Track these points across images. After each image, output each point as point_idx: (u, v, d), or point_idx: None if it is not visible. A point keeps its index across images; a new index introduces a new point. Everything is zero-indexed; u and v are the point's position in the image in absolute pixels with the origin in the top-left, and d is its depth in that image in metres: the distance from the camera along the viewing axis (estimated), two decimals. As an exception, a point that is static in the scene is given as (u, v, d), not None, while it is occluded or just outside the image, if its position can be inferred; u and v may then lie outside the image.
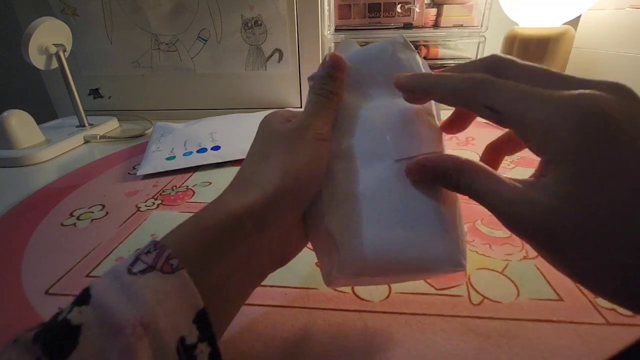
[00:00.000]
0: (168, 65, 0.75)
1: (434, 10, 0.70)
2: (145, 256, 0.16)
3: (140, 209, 0.41)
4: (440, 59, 0.74)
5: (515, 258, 0.31)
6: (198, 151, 0.53)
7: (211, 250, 0.17)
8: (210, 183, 0.47)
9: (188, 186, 0.46)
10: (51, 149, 0.59)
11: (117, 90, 0.79)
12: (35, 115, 0.60)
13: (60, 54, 0.63)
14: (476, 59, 0.21)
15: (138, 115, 0.78)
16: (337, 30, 0.70)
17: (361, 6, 0.69)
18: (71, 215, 0.40)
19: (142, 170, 0.50)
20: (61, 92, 0.72)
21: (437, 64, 0.73)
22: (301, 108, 0.77)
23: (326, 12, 0.69)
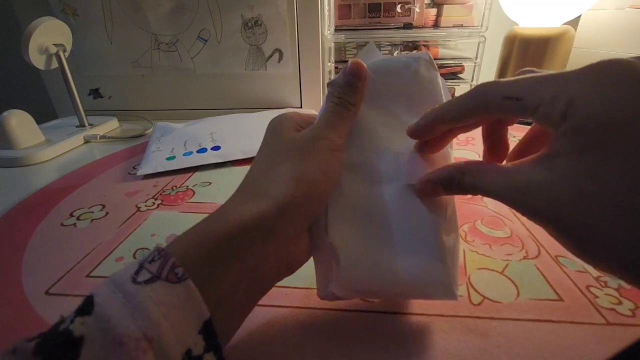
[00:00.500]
0: (168, 65, 0.75)
1: (434, 10, 0.70)
2: (150, 264, 0.16)
3: (140, 209, 0.41)
4: (440, 59, 0.74)
5: (515, 258, 0.31)
6: (198, 151, 0.53)
7: (218, 261, 0.17)
8: (210, 183, 0.47)
9: (188, 186, 0.46)
10: (51, 149, 0.59)
11: (117, 90, 0.79)
12: (35, 115, 0.60)
13: (60, 54, 0.63)
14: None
15: (138, 115, 0.78)
16: (337, 30, 0.70)
17: (361, 6, 0.69)
18: (71, 215, 0.40)
19: (142, 170, 0.50)
20: (61, 92, 0.72)
21: (437, 64, 0.73)
22: (301, 108, 0.78)
23: (326, 12, 0.69)
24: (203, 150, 0.53)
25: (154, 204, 0.42)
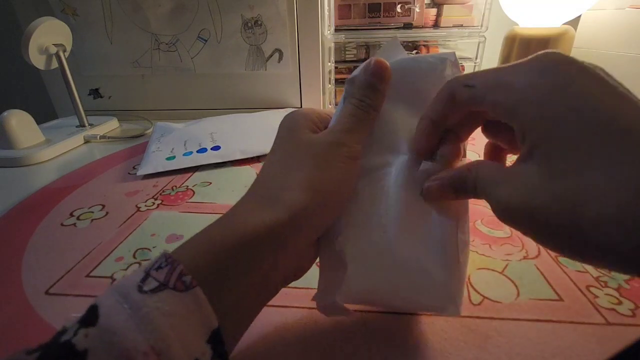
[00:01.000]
0: (168, 65, 0.75)
1: (434, 10, 0.70)
2: (156, 272, 0.15)
3: (140, 209, 0.41)
4: (440, 59, 0.74)
5: (515, 258, 0.31)
6: (198, 151, 0.53)
7: (227, 270, 0.17)
8: (210, 183, 0.47)
9: (188, 186, 0.46)
10: (51, 149, 0.59)
11: (117, 90, 0.79)
12: (35, 115, 0.60)
13: (60, 54, 0.63)
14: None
15: (138, 115, 0.78)
16: (337, 30, 0.70)
17: (361, 6, 0.69)
18: (71, 215, 0.40)
19: (142, 170, 0.50)
20: (61, 92, 0.72)
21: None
22: (301, 108, 0.78)
23: (326, 12, 0.69)
24: (203, 150, 0.53)
25: (154, 204, 0.42)
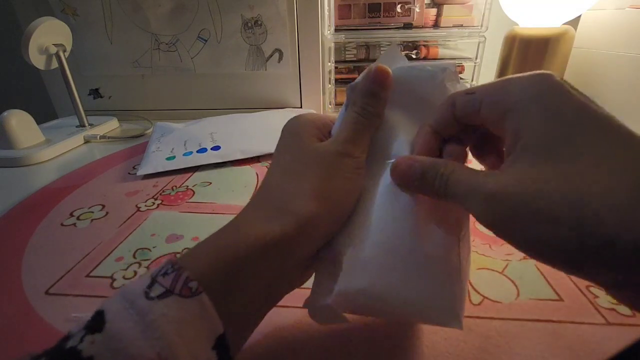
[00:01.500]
0: (168, 65, 0.75)
1: (434, 10, 0.70)
2: (163, 278, 0.15)
3: (140, 209, 0.41)
4: (440, 59, 0.74)
5: (515, 258, 0.31)
6: (198, 151, 0.53)
7: (234, 279, 0.17)
8: (210, 183, 0.47)
9: (188, 186, 0.46)
10: (51, 149, 0.59)
11: (117, 90, 0.79)
12: (35, 115, 0.60)
13: (60, 54, 0.63)
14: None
15: (138, 115, 0.78)
16: (337, 30, 0.70)
17: (361, 6, 0.68)
18: (71, 215, 0.40)
19: (142, 170, 0.50)
20: (61, 92, 0.71)
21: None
22: (301, 108, 0.78)
23: (326, 12, 0.69)
24: (203, 150, 0.53)
25: (154, 204, 0.42)
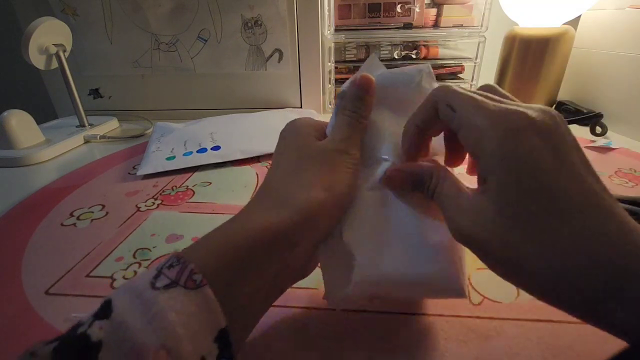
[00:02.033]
0: (168, 65, 0.75)
1: (434, 10, 0.70)
2: (168, 270, 0.16)
3: (140, 209, 0.41)
4: (440, 59, 0.74)
5: (515, 258, 0.31)
6: (198, 151, 0.53)
7: (238, 271, 0.17)
8: (210, 183, 0.47)
9: (188, 186, 0.46)
10: (51, 149, 0.59)
11: (117, 90, 0.79)
12: (35, 115, 0.60)
13: (60, 54, 0.63)
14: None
15: (138, 115, 0.78)
16: (337, 30, 0.70)
17: (361, 6, 0.69)
18: (71, 215, 0.40)
19: (142, 170, 0.50)
20: (61, 92, 0.71)
21: (437, 64, 0.73)
22: (301, 108, 0.78)
23: (326, 12, 0.69)
24: (203, 150, 0.53)
25: (154, 204, 0.42)
